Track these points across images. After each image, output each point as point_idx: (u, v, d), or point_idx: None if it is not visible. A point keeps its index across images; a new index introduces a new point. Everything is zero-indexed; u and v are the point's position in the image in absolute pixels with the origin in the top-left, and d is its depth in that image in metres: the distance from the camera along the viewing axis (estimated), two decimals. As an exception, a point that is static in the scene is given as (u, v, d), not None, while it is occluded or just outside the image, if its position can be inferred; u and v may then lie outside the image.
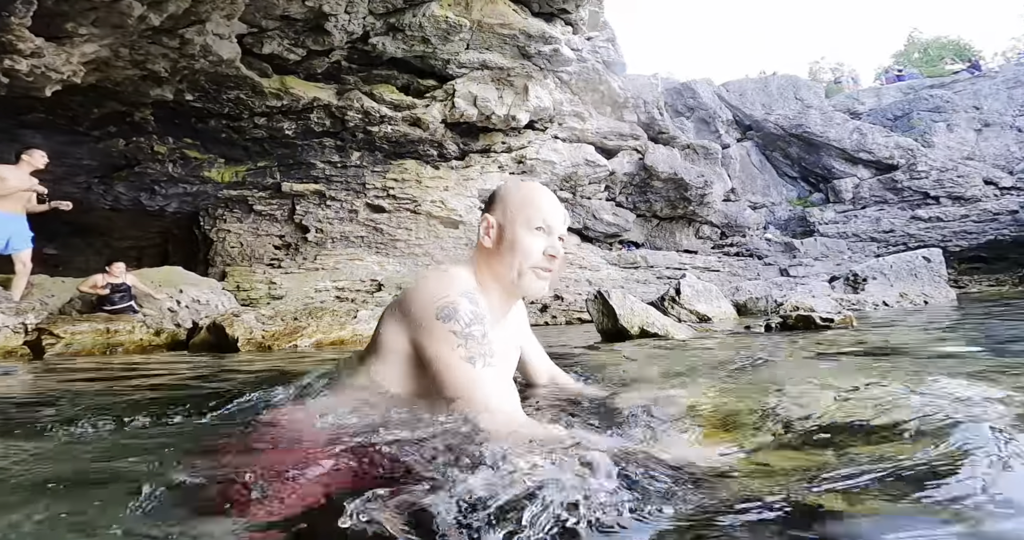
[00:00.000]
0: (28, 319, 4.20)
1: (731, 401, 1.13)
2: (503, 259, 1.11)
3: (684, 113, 17.19)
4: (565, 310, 10.47)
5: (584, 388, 1.45)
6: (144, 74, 6.33)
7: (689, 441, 0.91)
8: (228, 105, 7.55)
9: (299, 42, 6.87)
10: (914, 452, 0.69)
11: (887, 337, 2.82)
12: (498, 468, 0.67)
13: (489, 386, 0.96)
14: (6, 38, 4.31)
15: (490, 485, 0.61)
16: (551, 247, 1.11)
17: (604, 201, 14.66)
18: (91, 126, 7.57)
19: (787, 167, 18.49)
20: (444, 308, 0.99)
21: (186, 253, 11.00)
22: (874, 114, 18.48)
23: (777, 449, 0.81)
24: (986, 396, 0.92)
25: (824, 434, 0.83)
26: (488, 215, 1.14)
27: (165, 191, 9.40)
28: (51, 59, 4.97)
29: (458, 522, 0.56)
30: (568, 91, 12.03)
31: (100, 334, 4.21)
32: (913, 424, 0.79)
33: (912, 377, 1.23)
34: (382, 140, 9.48)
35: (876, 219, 16.11)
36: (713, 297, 6.61)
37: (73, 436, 1.05)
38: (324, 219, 10.69)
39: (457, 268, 1.13)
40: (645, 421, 1.03)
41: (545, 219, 1.11)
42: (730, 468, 0.73)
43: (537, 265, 1.10)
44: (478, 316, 1.01)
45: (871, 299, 8.55)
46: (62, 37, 4.84)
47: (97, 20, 4.81)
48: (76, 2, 4.43)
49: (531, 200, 1.13)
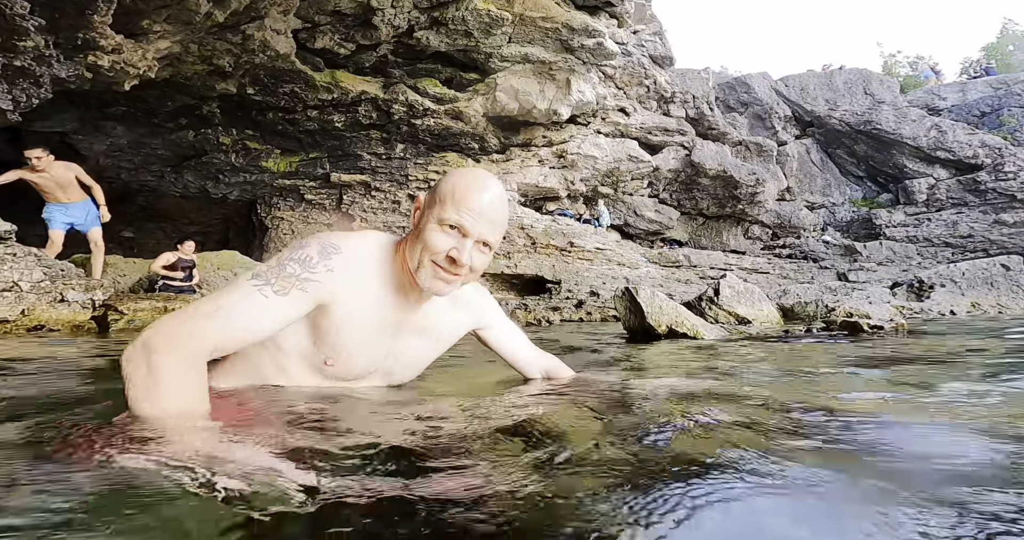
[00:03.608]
0: (96, 295, 4.65)
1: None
2: (411, 244, 1.05)
3: (737, 109, 16.43)
4: (601, 307, 10.33)
5: (592, 376, 1.41)
6: (211, 69, 6.88)
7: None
8: (284, 98, 8.05)
9: (349, 37, 7.21)
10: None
11: (938, 346, 2.58)
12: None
13: (220, 313, 0.92)
14: (90, 35, 4.83)
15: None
16: (456, 250, 1.00)
17: (647, 198, 14.31)
18: (165, 118, 8.31)
19: (852, 166, 17.23)
20: (295, 248, 1.03)
21: (244, 239, 11.83)
22: (957, 110, 16.84)
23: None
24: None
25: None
26: (421, 194, 1.10)
27: (228, 180, 10.15)
28: (129, 55, 5.51)
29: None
30: (612, 85, 11.85)
31: (159, 312, 4.60)
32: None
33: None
34: (425, 133, 9.75)
35: (953, 223, 14.69)
36: (755, 299, 6.30)
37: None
38: (369, 209, 11.15)
39: (378, 234, 1.13)
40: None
41: (460, 220, 1.00)
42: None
43: (438, 262, 1.02)
44: (307, 261, 1.00)
45: (937, 307, 7.87)
46: (138, 34, 5.36)
47: (169, 17, 5.29)
48: (150, 0, 4.89)
49: (456, 194, 1.01)
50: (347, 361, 1.09)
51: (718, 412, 0.99)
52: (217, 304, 0.93)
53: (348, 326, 1.04)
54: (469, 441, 0.83)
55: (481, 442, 0.82)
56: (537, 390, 1.27)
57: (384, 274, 1.08)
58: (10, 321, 4.02)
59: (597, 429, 0.91)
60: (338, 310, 1.02)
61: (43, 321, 4.15)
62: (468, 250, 1.01)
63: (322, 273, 0.99)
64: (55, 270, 4.69)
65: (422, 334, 1.19)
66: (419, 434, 0.86)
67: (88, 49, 4.99)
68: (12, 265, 4.43)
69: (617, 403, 1.14)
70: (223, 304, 0.93)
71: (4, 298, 4.16)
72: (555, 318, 8.60)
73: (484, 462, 0.71)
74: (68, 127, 8.09)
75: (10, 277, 4.33)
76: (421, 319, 1.16)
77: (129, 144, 8.79)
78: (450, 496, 0.58)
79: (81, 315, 4.34)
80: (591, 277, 11.47)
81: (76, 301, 4.43)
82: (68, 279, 4.73)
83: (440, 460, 0.72)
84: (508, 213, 1.10)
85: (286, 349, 1.07)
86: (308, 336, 1.06)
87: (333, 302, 1.02)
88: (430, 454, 0.75)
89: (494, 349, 1.35)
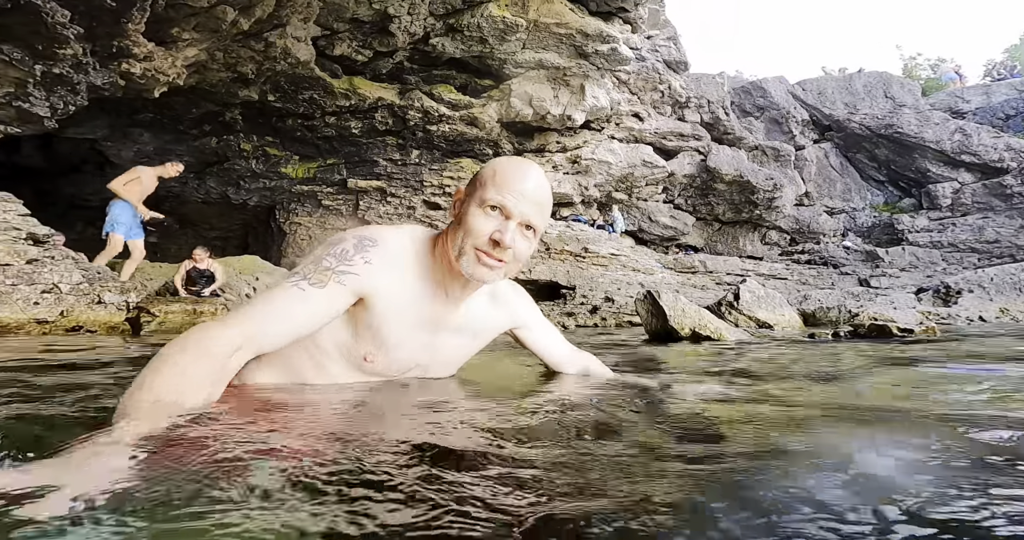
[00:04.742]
0: (131, 298, 4.79)
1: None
2: (454, 234, 1.03)
3: (753, 113, 16.31)
4: (616, 312, 10.25)
5: (627, 377, 1.39)
6: (234, 76, 7.10)
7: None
8: (303, 105, 8.26)
9: (366, 43, 7.38)
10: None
11: (978, 348, 2.49)
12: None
13: (255, 312, 0.90)
14: (124, 43, 5.04)
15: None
16: (499, 232, 0.98)
17: (661, 203, 14.23)
18: (189, 125, 8.59)
19: (873, 170, 16.92)
20: (332, 243, 1.02)
21: (263, 244, 12.07)
22: (981, 113, 16.47)
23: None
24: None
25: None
26: (461, 185, 1.09)
27: (248, 186, 10.40)
28: (160, 62, 5.72)
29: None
30: (626, 90, 11.88)
31: (188, 314, 4.73)
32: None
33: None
34: (440, 139, 9.88)
35: (979, 228, 14.28)
36: (776, 304, 6.21)
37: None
38: (384, 214, 11.29)
39: (414, 227, 1.12)
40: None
41: (503, 200, 0.98)
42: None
43: (480, 247, 0.99)
44: (344, 254, 0.99)
45: (964, 313, 7.64)
46: (168, 42, 5.58)
47: (197, 25, 5.49)
48: (181, 8, 5.09)
49: (497, 176, 1.00)
50: (387, 356, 1.08)
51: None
52: (256, 303, 0.94)
53: (388, 320, 1.03)
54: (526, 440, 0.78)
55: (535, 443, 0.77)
56: (579, 389, 1.24)
57: (422, 267, 1.06)
58: (49, 322, 4.14)
59: (650, 431, 0.88)
60: (378, 303, 1.01)
61: (81, 322, 4.27)
62: (512, 231, 0.98)
63: (360, 265, 0.98)
64: (92, 273, 4.85)
65: (460, 330, 1.17)
66: (455, 434, 0.81)
67: (122, 57, 5.20)
68: (52, 267, 4.59)
69: (652, 401, 1.12)
70: (260, 302, 0.94)
71: (44, 299, 4.29)
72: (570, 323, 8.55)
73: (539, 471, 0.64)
74: (99, 134, 8.40)
75: (50, 279, 4.47)
76: (460, 316, 1.14)
77: (155, 150, 9.08)
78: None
79: (116, 317, 4.45)
80: (606, 283, 11.40)
81: (112, 303, 4.55)
82: (104, 281, 4.88)
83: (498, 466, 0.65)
84: (551, 197, 1.07)
85: (325, 346, 1.05)
86: (348, 331, 1.04)
87: (373, 295, 1.00)
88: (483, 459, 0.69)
89: (531, 348, 1.34)
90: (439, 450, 0.71)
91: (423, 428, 0.83)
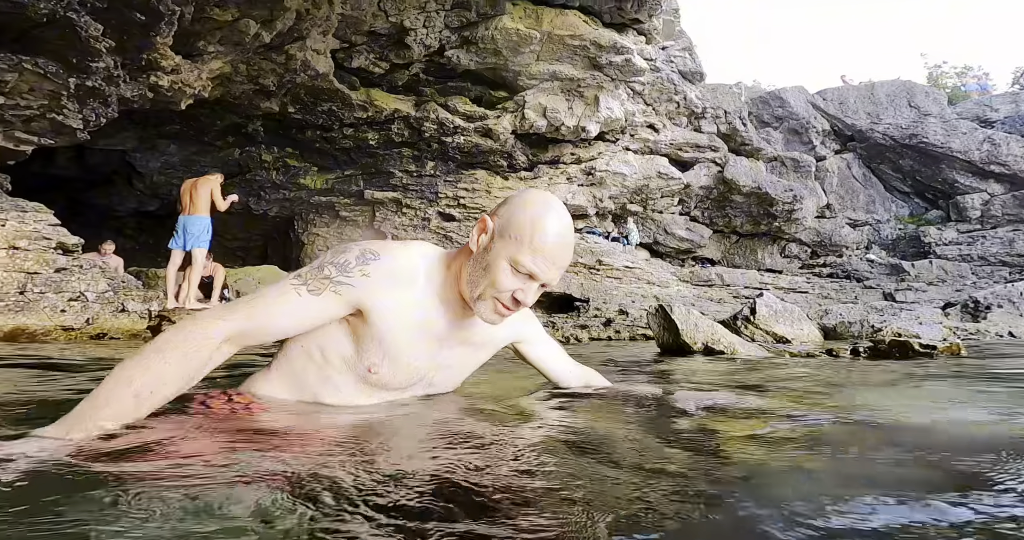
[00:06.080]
0: (152, 306, 4.91)
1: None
2: (473, 271, 1.04)
3: (772, 123, 16.11)
4: (630, 326, 10.08)
5: (631, 387, 1.43)
6: (257, 88, 7.34)
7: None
8: (322, 116, 8.47)
9: (383, 56, 7.57)
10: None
11: (997, 366, 2.37)
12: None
13: (249, 309, 0.96)
14: (152, 56, 5.26)
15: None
16: (522, 291, 1.01)
17: (677, 215, 14.07)
18: (214, 137, 8.87)
19: (898, 181, 16.48)
20: (336, 252, 1.05)
21: (282, 254, 12.30)
22: (1010, 122, 15.97)
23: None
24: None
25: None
26: (489, 218, 1.05)
27: (269, 196, 10.65)
28: (186, 75, 5.95)
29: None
30: (641, 102, 11.87)
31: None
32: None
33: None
34: (455, 150, 10.00)
35: (1010, 240, 13.73)
36: (795, 319, 6.04)
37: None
38: (400, 226, 11.42)
39: (423, 245, 1.14)
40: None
41: (535, 270, 1.00)
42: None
43: (501, 300, 1.02)
44: (345, 265, 1.01)
45: (994, 329, 7.33)
46: (195, 55, 5.80)
47: (222, 38, 5.71)
48: (206, 22, 5.30)
49: (535, 240, 0.99)
50: (391, 368, 1.09)
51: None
52: (252, 300, 1.00)
53: (390, 333, 1.04)
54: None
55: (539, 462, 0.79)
56: (579, 401, 1.27)
57: (429, 285, 1.08)
58: (75, 329, 4.25)
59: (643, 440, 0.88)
60: (378, 317, 1.02)
61: (105, 329, 4.36)
62: (534, 293, 1.03)
63: (357, 277, 1.00)
64: (117, 282, 4.98)
65: (465, 345, 1.19)
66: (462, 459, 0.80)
67: (151, 69, 5.43)
68: (79, 276, 4.73)
69: (654, 413, 1.13)
70: (257, 299, 1.00)
71: (71, 307, 4.41)
72: (583, 336, 8.44)
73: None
74: (128, 145, 8.74)
75: (77, 287, 4.61)
76: (465, 331, 1.16)
77: (181, 161, 9.39)
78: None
79: (139, 324, 4.53)
80: (620, 295, 11.26)
81: (135, 311, 4.65)
82: (128, 290, 5.01)
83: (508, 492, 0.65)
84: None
85: (330, 358, 1.08)
86: (350, 343, 1.06)
87: (371, 308, 1.02)
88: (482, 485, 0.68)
89: (532, 363, 1.36)
90: (432, 472, 0.72)
91: (425, 447, 0.86)
